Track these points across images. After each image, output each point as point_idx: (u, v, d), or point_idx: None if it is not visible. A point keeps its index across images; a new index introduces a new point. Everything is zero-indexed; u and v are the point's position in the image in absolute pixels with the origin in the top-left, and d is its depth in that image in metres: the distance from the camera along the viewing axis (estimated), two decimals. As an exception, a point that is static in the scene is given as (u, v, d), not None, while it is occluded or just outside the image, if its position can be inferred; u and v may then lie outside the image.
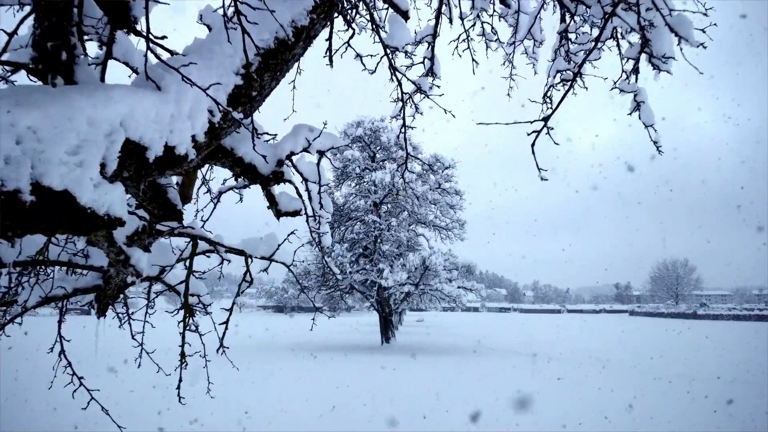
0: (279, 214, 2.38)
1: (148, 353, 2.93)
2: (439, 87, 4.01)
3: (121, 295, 3.11)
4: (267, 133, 2.32)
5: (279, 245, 2.87)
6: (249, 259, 2.88)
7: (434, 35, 4.25)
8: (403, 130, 4.09)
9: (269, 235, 2.91)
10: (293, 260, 3.00)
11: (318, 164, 2.42)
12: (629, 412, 11.22)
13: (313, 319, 3.43)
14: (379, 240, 27.84)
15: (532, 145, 2.66)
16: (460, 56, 4.21)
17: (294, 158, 2.30)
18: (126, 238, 2.22)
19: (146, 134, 1.55)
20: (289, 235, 2.82)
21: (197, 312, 2.81)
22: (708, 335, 37.24)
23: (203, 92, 1.70)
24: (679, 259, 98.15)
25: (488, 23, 4.55)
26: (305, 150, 2.28)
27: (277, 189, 2.39)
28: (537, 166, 2.76)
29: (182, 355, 2.55)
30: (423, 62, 4.33)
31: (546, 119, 2.59)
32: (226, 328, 2.63)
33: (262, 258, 2.89)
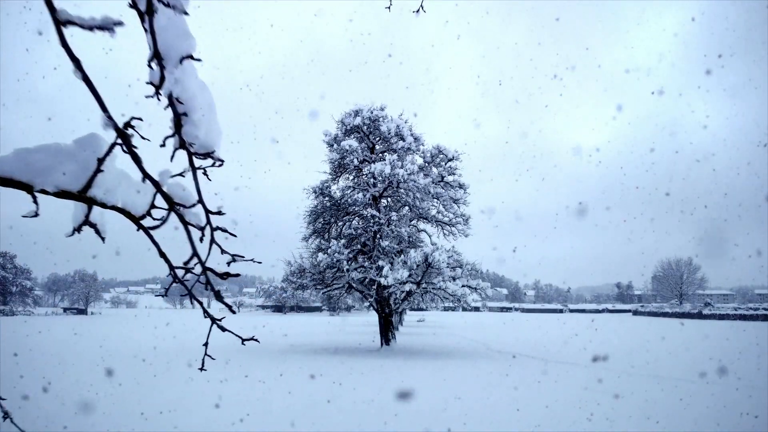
0: None
1: None
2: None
3: None
4: None
5: (101, 161, 1.15)
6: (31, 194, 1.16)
7: None
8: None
9: (83, 140, 1.18)
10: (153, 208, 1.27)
11: None
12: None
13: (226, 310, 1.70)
14: (378, 236, 26.08)
15: None
16: None
17: None
18: None
19: None
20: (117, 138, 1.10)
21: None
22: (728, 336, 35.51)
23: None
24: (683, 258, 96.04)
25: None
26: None
27: None
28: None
29: None
30: None
31: None
32: None
33: (66, 195, 1.16)
